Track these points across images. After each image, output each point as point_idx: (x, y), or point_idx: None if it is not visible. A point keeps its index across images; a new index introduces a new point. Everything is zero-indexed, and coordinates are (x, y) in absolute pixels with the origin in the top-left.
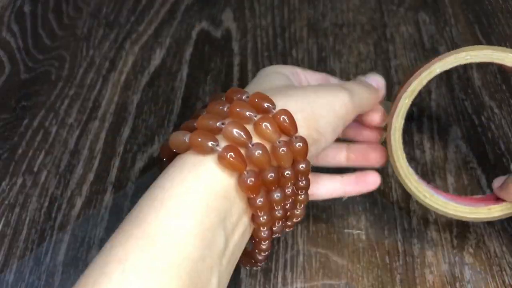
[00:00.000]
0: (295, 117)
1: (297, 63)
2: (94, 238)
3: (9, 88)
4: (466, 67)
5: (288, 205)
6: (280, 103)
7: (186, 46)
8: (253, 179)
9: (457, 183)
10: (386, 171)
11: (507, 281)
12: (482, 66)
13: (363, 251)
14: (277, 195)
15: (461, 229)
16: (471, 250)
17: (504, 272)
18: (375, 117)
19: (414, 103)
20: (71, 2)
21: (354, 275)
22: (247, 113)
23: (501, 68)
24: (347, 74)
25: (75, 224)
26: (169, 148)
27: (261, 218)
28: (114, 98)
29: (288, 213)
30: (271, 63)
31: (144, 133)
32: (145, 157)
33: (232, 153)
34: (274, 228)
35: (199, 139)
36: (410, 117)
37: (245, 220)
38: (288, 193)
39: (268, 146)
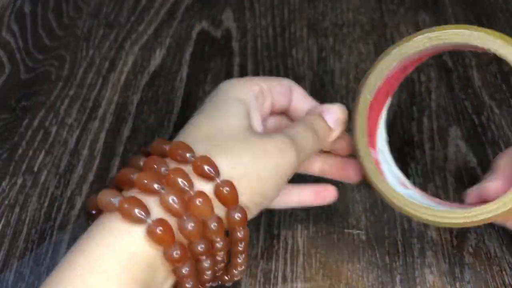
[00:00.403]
0: (239, 184)
1: (297, 63)
2: None
3: (9, 88)
4: (466, 67)
5: (220, 268)
6: (226, 166)
7: (186, 46)
8: (179, 252)
9: (457, 183)
10: None
11: (507, 281)
12: (482, 66)
13: (363, 251)
14: (206, 263)
15: (461, 229)
16: (471, 250)
17: (504, 272)
18: (342, 147)
19: (414, 103)
20: (71, 2)
21: (354, 275)
22: (181, 183)
23: (501, 68)
24: (347, 74)
25: (75, 224)
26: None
27: (187, 284)
28: (114, 98)
29: (222, 275)
30: (271, 63)
31: (144, 133)
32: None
33: (161, 228)
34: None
35: (127, 206)
36: (410, 117)
37: (170, 282)
38: (219, 259)
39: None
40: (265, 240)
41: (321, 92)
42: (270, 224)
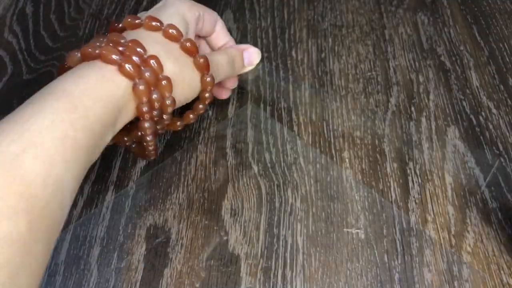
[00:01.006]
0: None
1: (297, 63)
2: (95, 237)
3: (11, 89)
4: (464, 67)
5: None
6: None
7: None
8: (147, 108)
9: (455, 183)
10: (384, 170)
11: (504, 280)
12: (480, 66)
13: (362, 250)
14: (150, 123)
15: (459, 228)
16: (469, 249)
17: (502, 271)
18: (230, 84)
19: (412, 103)
20: (72, 3)
21: (353, 274)
22: (155, 66)
23: (498, 69)
24: (346, 74)
25: (77, 223)
26: (76, 58)
27: (147, 127)
28: None
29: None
30: (271, 64)
31: None
32: None
33: (143, 86)
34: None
35: (105, 52)
36: (409, 117)
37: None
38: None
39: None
40: (265, 239)
41: (321, 92)
42: (270, 223)
